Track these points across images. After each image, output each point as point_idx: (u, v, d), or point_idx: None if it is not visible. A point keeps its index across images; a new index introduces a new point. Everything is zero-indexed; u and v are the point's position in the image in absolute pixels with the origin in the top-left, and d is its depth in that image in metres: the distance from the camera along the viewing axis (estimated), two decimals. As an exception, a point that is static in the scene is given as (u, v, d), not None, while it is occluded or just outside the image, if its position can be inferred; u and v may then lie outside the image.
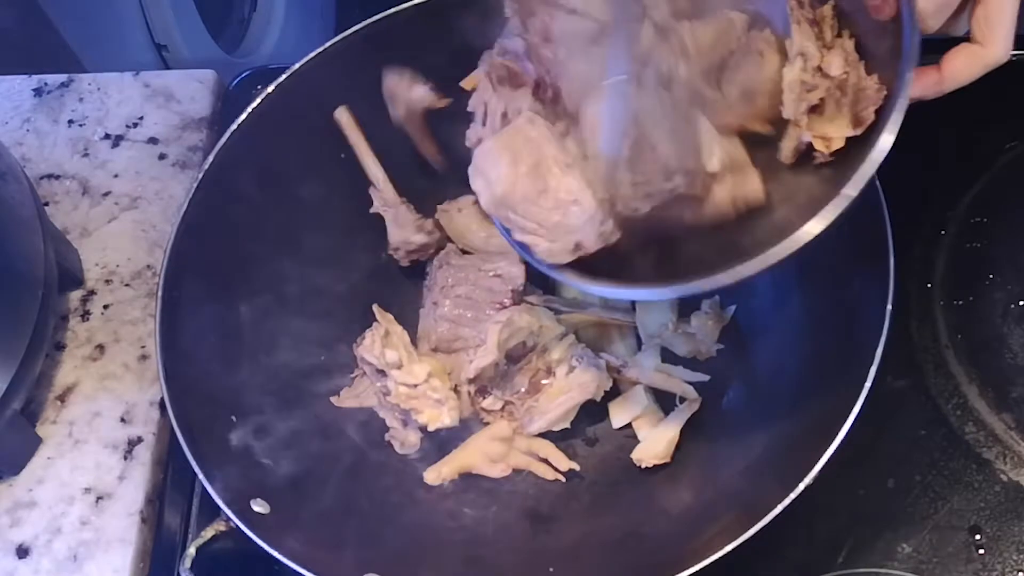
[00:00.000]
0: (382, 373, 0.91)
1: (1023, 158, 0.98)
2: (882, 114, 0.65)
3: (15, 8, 1.34)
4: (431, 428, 0.90)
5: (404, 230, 0.99)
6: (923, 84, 0.68)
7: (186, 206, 0.92)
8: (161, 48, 1.49)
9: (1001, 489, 0.89)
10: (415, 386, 0.89)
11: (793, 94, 0.68)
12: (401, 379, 0.89)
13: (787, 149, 0.71)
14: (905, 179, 0.79)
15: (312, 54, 0.96)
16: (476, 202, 0.84)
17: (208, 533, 0.84)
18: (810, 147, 0.69)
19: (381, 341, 0.91)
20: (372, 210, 0.99)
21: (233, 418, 0.90)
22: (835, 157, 0.68)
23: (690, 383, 0.93)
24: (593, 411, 0.94)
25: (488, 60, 0.77)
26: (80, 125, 1.17)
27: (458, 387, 0.93)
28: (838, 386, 0.78)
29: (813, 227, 0.64)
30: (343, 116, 0.97)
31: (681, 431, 0.90)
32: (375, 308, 0.95)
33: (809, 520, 0.79)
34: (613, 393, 0.94)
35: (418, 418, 0.90)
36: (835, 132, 0.68)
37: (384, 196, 0.99)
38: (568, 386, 0.91)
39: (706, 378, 0.93)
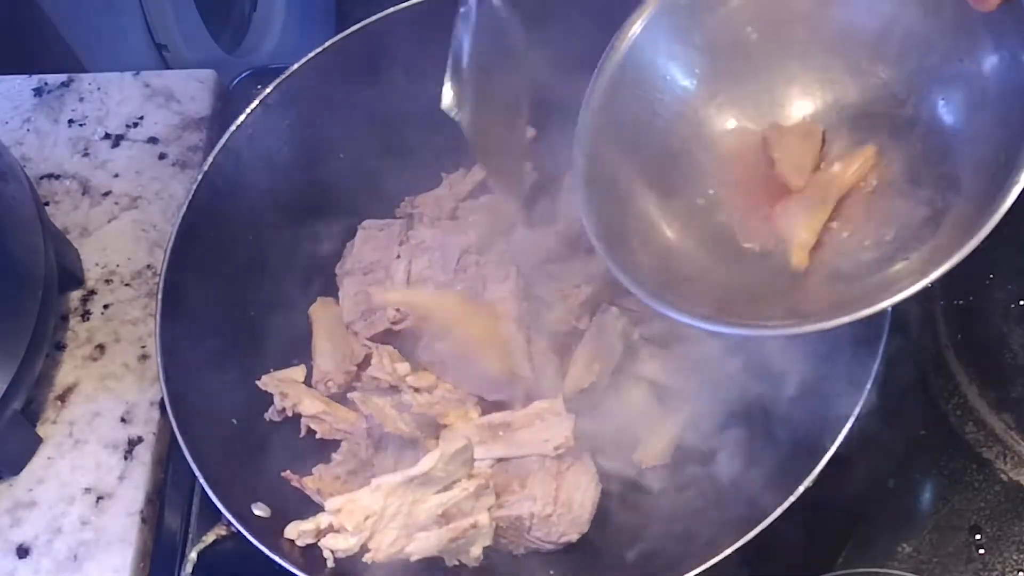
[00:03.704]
0: (394, 389, 0.90)
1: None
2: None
3: (16, 8, 1.34)
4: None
5: None
6: None
7: (186, 206, 0.92)
8: (161, 48, 1.49)
9: (1001, 489, 0.89)
10: (431, 391, 0.89)
11: None
12: (416, 384, 0.88)
13: None
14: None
15: (312, 54, 0.96)
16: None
17: (209, 538, 0.84)
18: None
19: (389, 356, 0.90)
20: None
21: (234, 421, 0.90)
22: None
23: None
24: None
25: None
26: (80, 125, 1.17)
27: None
28: (839, 386, 0.78)
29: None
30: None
31: (681, 431, 0.90)
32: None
33: (809, 520, 0.79)
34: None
35: (445, 420, 0.89)
36: None
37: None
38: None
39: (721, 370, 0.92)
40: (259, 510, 0.84)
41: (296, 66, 0.96)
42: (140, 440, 0.98)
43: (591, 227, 0.76)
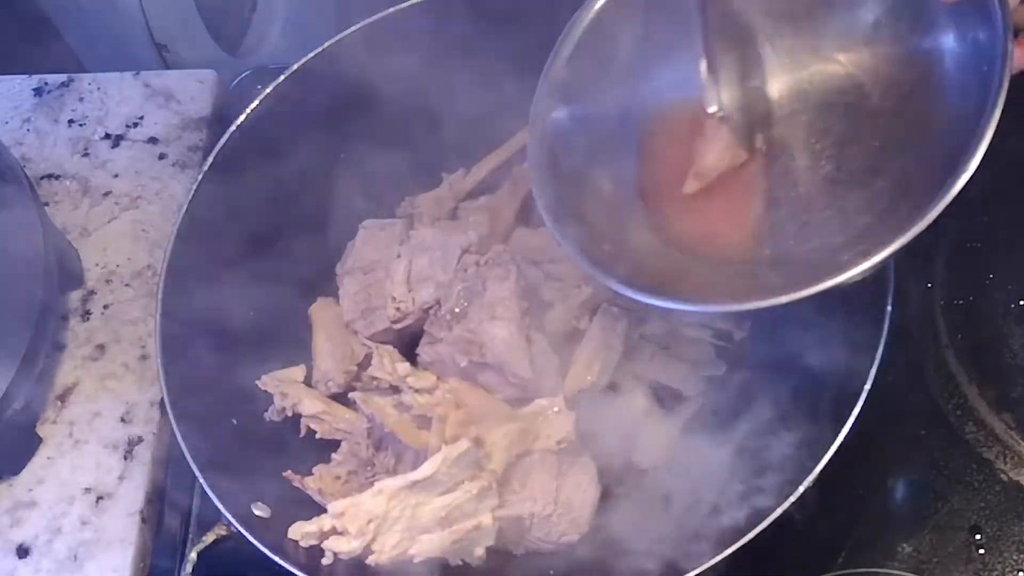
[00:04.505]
0: (394, 389, 0.90)
1: (1023, 158, 0.98)
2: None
3: (16, 8, 1.34)
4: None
5: None
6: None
7: (186, 206, 0.92)
8: (161, 48, 1.48)
9: (1001, 489, 0.89)
10: (431, 391, 0.89)
11: None
12: (417, 385, 0.88)
13: None
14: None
15: (312, 54, 0.97)
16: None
17: (209, 538, 0.84)
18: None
19: (390, 356, 0.90)
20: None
21: (234, 421, 0.90)
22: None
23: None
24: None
25: None
26: (80, 125, 1.17)
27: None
28: (839, 386, 0.78)
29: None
30: None
31: (681, 431, 0.90)
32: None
33: (809, 520, 0.79)
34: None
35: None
36: None
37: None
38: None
39: (721, 369, 0.93)
40: (259, 510, 0.84)
41: (296, 66, 0.96)
42: (140, 440, 0.98)
43: (541, 198, 0.76)
